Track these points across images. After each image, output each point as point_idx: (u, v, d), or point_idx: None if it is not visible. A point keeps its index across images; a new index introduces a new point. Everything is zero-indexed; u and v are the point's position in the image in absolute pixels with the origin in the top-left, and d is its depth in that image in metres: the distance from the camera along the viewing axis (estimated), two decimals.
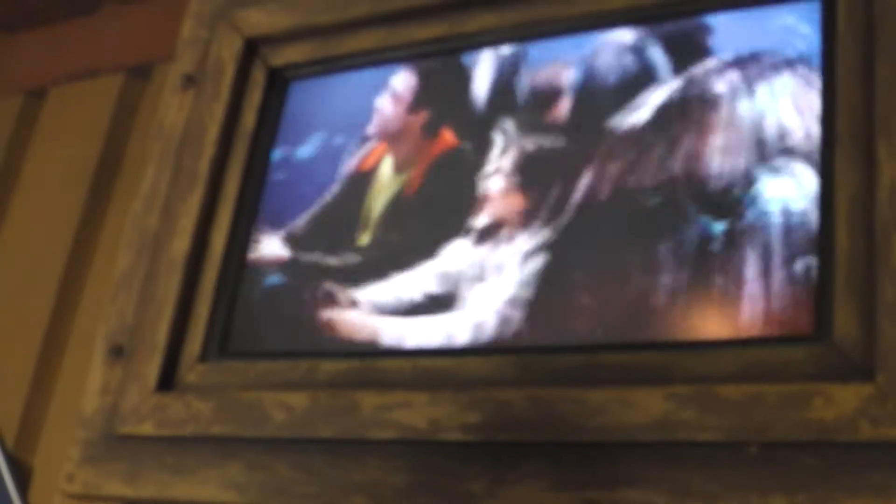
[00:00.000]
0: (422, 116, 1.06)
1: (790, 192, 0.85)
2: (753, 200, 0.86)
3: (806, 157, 0.85)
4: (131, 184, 1.44)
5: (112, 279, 1.14)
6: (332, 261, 1.05)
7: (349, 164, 1.09)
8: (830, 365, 0.78)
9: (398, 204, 1.04)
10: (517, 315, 0.92)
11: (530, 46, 1.03)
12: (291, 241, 1.08)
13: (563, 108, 0.99)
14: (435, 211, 1.01)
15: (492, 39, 1.05)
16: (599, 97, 0.97)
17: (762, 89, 0.90)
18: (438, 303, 0.97)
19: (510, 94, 1.02)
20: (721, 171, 0.89)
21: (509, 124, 1.00)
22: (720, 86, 0.92)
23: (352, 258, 1.04)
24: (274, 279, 1.08)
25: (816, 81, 0.88)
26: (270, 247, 1.09)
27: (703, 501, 0.76)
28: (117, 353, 1.08)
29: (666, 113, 0.93)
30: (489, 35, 1.05)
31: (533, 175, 0.97)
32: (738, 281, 0.84)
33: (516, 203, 0.97)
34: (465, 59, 1.06)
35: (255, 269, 1.09)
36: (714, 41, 0.94)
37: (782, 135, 0.87)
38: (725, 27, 0.94)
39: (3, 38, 1.79)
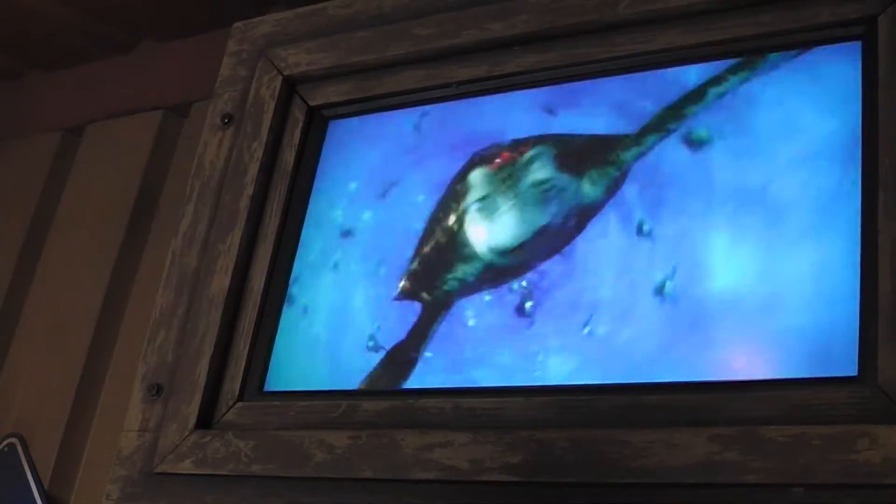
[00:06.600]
0: None
1: None
2: None
3: None
4: (169, 221, 1.45)
5: (150, 317, 1.14)
6: None
7: None
8: (875, 407, 0.77)
9: None
10: None
11: None
12: None
13: None
14: None
15: (532, 80, 1.05)
16: None
17: None
18: None
19: None
20: None
21: None
22: None
23: None
24: None
25: None
26: None
27: None
28: (156, 391, 1.09)
29: None
30: (530, 76, 1.05)
31: None
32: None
33: None
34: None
35: None
36: None
37: None
38: None
39: (42, 75, 1.81)
